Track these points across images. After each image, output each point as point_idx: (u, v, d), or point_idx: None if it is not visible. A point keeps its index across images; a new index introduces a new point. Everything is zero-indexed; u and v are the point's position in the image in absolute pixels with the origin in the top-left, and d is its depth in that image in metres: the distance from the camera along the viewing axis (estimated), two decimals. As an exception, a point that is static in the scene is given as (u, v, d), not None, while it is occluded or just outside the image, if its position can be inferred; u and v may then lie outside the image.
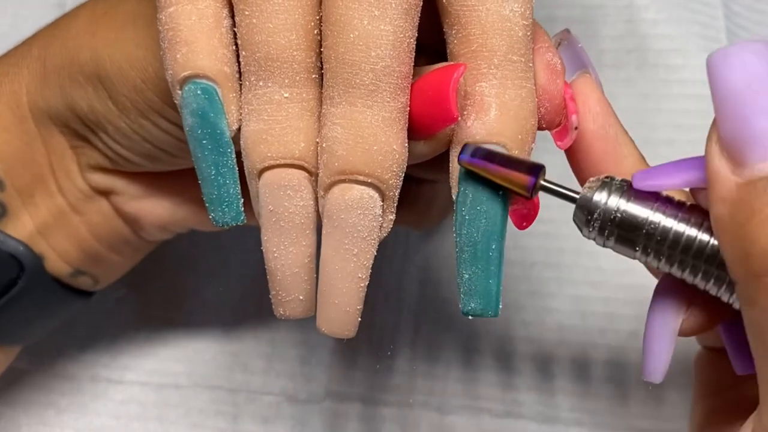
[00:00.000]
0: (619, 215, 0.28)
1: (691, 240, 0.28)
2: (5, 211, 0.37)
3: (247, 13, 0.29)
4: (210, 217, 0.30)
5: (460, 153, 0.29)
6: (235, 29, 0.29)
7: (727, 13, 0.50)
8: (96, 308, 0.44)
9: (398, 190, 0.30)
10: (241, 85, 0.30)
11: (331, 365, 0.47)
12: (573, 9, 0.51)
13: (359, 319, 0.30)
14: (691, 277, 0.28)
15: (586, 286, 0.47)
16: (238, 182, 0.30)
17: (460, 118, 0.29)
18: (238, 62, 0.30)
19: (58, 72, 0.36)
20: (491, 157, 0.29)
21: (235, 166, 0.30)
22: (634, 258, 0.29)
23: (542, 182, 0.29)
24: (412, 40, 0.29)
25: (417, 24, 0.29)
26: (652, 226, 0.28)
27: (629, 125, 0.47)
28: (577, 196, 0.29)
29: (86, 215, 0.38)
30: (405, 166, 0.29)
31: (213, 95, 0.30)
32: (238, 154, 0.30)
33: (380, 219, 0.29)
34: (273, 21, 0.29)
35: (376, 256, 0.30)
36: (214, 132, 0.30)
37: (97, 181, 0.38)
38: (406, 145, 0.29)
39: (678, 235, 0.28)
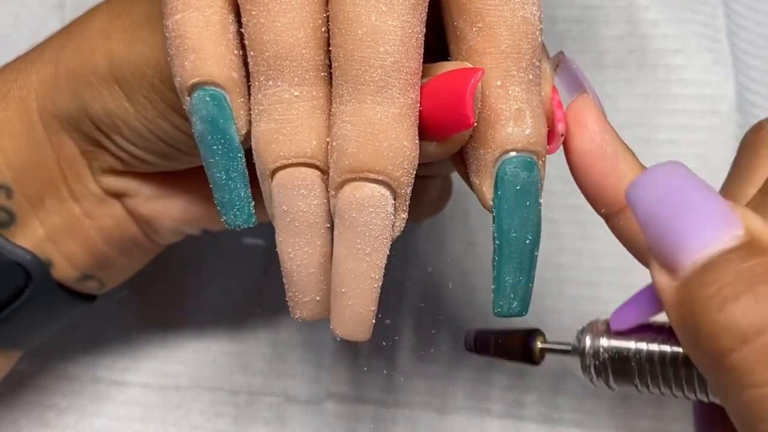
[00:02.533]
0: (606, 355, 0.30)
1: (676, 357, 0.29)
2: (14, 218, 0.37)
3: (254, 13, 0.29)
4: (222, 220, 0.30)
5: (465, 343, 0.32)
6: (242, 30, 0.29)
7: (727, 12, 0.50)
8: (97, 310, 0.44)
9: (410, 188, 0.29)
10: (249, 89, 0.30)
11: (332, 366, 0.47)
12: (573, 9, 0.51)
13: (373, 321, 0.30)
14: (692, 394, 0.29)
15: (586, 286, 0.47)
16: (249, 186, 0.30)
17: (496, 122, 0.29)
18: (245, 66, 0.30)
19: (70, 74, 0.36)
20: (489, 338, 0.32)
21: (245, 170, 0.30)
22: (640, 391, 0.30)
23: (540, 346, 0.32)
24: (420, 35, 0.28)
25: (425, 19, 0.29)
26: (638, 356, 0.30)
27: (630, 125, 0.48)
28: (570, 348, 0.31)
29: (98, 219, 0.38)
30: (416, 163, 0.29)
31: (222, 101, 0.30)
32: (247, 154, 0.30)
33: (392, 217, 0.29)
34: (280, 19, 0.28)
35: None
36: (224, 138, 0.30)
37: (110, 184, 0.38)
38: (417, 142, 0.29)
39: (663, 357, 0.29)
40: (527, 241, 0.30)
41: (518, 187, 0.29)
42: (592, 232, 0.47)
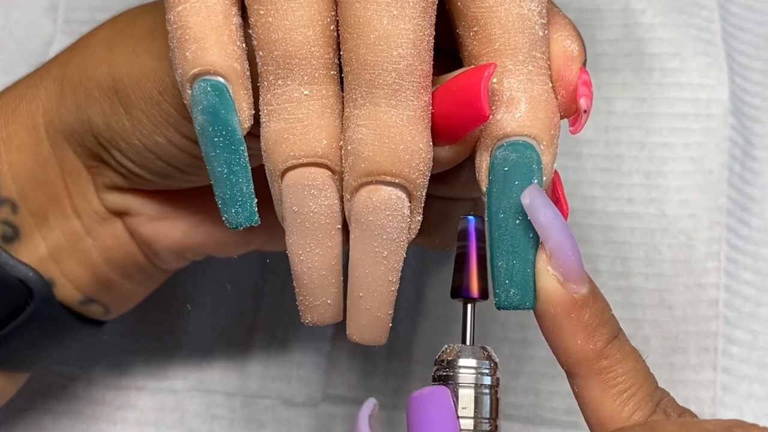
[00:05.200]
0: None
1: None
2: (18, 234, 0.37)
3: (262, 12, 0.29)
4: (223, 219, 0.30)
5: None
6: (251, 30, 0.29)
7: (723, 14, 0.50)
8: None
9: (425, 190, 0.29)
10: (251, 82, 0.30)
11: (328, 369, 0.46)
12: (569, 13, 0.50)
13: (390, 324, 0.30)
14: None
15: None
16: (251, 181, 0.30)
17: (493, 114, 0.29)
18: (249, 61, 0.30)
19: (75, 88, 0.35)
20: None
21: (248, 165, 0.30)
22: None
23: None
24: (431, 38, 0.29)
25: (434, 22, 0.29)
26: None
27: (625, 128, 0.48)
28: None
29: (100, 239, 0.38)
30: (431, 165, 0.29)
31: (224, 92, 0.29)
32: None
33: (408, 220, 0.29)
34: (289, 18, 0.28)
35: None
36: (225, 129, 0.29)
37: (112, 201, 0.37)
38: (431, 144, 0.29)
39: None
40: (517, 221, 0.29)
41: (506, 169, 0.29)
42: (587, 234, 0.47)
